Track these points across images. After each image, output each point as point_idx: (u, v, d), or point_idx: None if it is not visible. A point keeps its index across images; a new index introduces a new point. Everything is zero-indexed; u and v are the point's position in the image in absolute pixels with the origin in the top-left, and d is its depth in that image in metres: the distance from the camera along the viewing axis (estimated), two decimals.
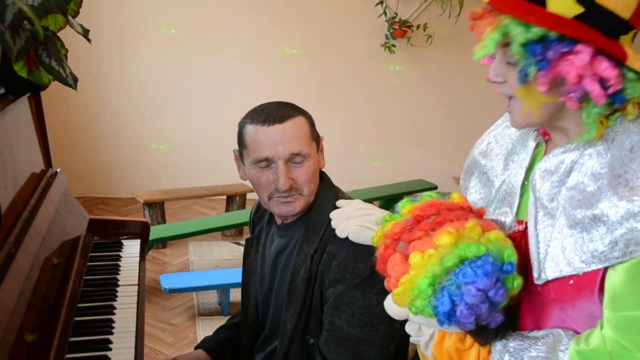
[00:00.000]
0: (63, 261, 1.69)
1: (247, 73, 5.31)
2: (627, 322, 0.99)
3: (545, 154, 1.17)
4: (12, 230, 1.47)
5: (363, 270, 1.46)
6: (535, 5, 0.99)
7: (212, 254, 4.38)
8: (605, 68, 0.98)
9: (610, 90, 0.99)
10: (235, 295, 3.57)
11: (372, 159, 5.64)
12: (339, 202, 1.49)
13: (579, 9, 0.99)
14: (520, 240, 1.15)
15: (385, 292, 1.18)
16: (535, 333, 1.10)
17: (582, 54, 0.98)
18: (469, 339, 1.13)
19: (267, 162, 1.53)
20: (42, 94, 1.97)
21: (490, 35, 1.04)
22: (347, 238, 1.42)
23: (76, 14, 1.85)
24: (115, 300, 1.76)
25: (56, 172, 2.03)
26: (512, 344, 1.09)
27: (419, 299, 1.07)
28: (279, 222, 1.65)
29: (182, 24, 5.15)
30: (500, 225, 1.17)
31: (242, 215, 4.32)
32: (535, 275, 1.09)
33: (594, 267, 1.02)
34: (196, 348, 1.84)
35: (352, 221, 1.42)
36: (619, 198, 0.99)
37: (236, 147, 1.63)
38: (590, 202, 1.03)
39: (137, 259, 2.04)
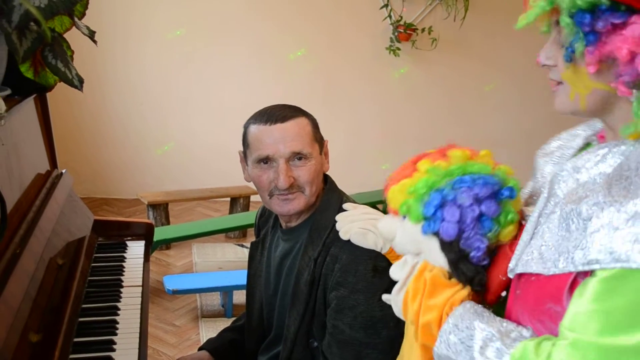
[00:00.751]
0: (68, 262, 1.70)
1: (252, 75, 5.31)
2: (579, 347, 0.86)
3: None
4: (18, 231, 1.48)
5: (364, 273, 1.46)
6: None
7: (215, 256, 4.38)
8: None
9: None
10: (239, 297, 3.57)
11: (377, 161, 5.63)
12: (345, 205, 1.49)
13: None
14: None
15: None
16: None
17: (638, 26, 0.85)
18: (453, 280, 1.07)
19: (269, 161, 1.54)
20: (48, 95, 1.98)
21: (537, 2, 0.93)
22: (349, 241, 1.42)
23: (82, 15, 1.86)
24: (119, 301, 1.76)
25: (61, 173, 2.03)
26: (478, 308, 1.02)
27: (412, 197, 1.09)
28: (283, 225, 1.66)
29: (187, 26, 5.15)
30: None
31: (246, 217, 4.33)
32: (510, 266, 1.01)
33: (562, 267, 0.90)
34: (200, 349, 1.85)
35: (356, 224, 1.42)
36: (608, 196, 0.87)
37: (241, 148, 1.64)
38: (586, 199, 0.91)
39: (141, 260, 2.04)
